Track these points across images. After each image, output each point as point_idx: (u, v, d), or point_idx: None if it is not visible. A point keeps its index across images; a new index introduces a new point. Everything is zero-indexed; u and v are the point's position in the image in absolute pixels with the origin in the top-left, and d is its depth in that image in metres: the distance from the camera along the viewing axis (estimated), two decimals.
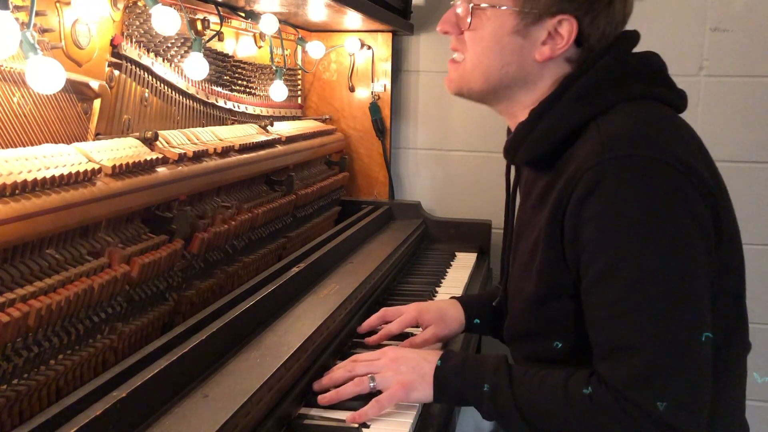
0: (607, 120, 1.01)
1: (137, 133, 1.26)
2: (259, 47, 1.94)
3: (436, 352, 1.15)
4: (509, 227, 1.26)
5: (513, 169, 1.26)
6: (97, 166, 1.06)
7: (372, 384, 1.11)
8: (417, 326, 1.40)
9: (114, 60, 1.31)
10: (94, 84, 1.25)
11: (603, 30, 1.06)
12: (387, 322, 1.39)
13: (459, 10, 1.12)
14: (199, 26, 1.53)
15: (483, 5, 1.08)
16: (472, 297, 1.49)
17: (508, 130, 1.20)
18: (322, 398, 1.12)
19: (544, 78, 1.09)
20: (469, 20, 1.10)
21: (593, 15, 1.04)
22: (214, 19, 1.60)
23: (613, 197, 0.94)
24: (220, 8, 1.60)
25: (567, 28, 1.04)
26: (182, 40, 1.53)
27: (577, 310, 1.02)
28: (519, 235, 1.17)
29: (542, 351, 1.10)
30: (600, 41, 1.06)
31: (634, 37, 1.10)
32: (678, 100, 1.09)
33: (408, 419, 1.09)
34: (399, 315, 1.39)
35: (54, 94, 1.14)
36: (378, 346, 1.34)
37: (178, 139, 1.36)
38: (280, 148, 1.77)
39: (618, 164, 0.95)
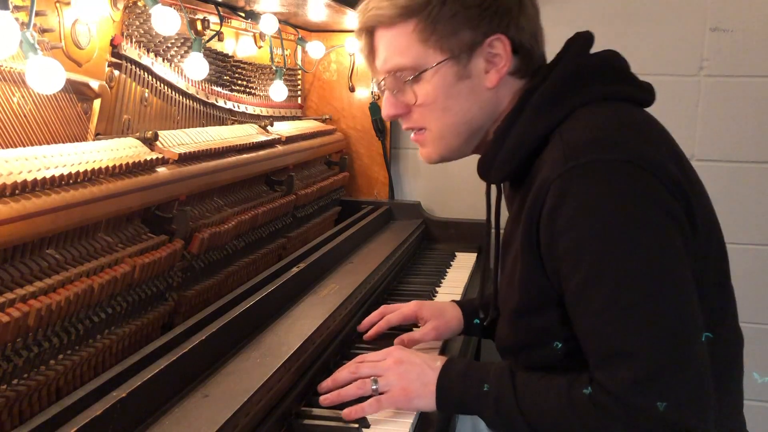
0: (568, 127, 0.99)
1: (137, 133, 1.26)
2: (259, 47, 1.95)
3: (441, 358, 1.14)
4: (495, 244, 1.24)
5: (494, 187, 1.24)
6: (97, 166, 1.07)
7: (374, 387, 1.10)
8: (416, 324, 1.40)
9: (114, 60, 1.31)
10: (94, 84, 1.25)
11: (528, 29, 1.05)
12: None
13: (394, 91, 1.08)
14: (199, 26, 1.53)
15: (416, 74, 1.05)
16: (471, 299, 1.48)
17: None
18: (324, 399, 1.12)
19: (502, 99, 1.07)
20: (411, 94, 1.07)
21: (514, 21, 1.03)
22: (214, 19, 1.60)
23: (581, 205, 0.93)
24: (220, 8, 1.60)
25: (500, 45, 1.03)
26: (182, 40, 1.53)
27: (566, 316, 0.99)
28: (505, 250, 1.15)
29: (540, 357, 1.09)
30: (531, 40, 1.05)
31: (588, 37, 1.08)
32: (643, 94, 1.06)
33: (408, 419, 1.09)
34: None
35: (54, 94, 1.14)
36: (380, 345, 1.34)
37: (178, 139, 1.36)
38: (280, 148, 1.77)
39: (582, 171, 0.93)
